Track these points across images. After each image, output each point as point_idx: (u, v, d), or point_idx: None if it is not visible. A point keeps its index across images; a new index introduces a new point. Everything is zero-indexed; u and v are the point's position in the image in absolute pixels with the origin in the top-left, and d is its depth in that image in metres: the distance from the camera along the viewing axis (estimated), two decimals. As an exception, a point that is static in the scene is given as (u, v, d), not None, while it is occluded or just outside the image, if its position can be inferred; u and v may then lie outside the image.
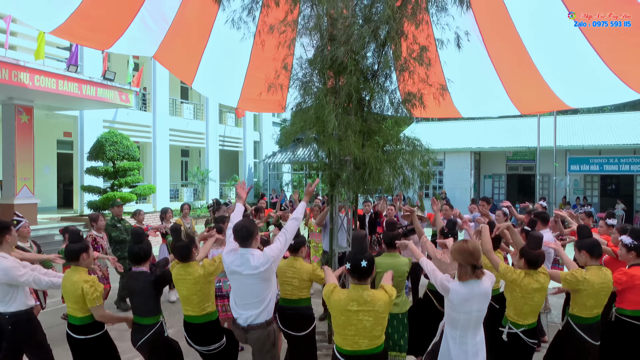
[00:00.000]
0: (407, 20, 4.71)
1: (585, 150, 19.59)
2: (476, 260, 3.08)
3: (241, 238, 3.45)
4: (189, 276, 3.70)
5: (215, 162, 23.02)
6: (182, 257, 3.76)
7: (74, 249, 3.76)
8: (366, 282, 2.98)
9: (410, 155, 4.41)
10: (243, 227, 3.47)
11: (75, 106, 14.07)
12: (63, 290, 3.80)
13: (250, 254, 3.40)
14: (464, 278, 3.11)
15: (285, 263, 4.28)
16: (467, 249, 3.10)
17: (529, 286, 3.48)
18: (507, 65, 7.63)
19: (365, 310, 2.89)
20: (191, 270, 3.73)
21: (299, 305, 4.20)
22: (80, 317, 3.70)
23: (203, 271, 3.71)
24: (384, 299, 2.96)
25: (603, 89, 7.47)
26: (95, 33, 7.21)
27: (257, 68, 8.26)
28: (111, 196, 12.52)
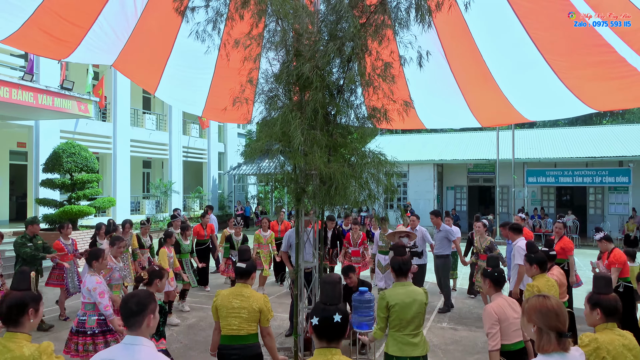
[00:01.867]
0: (371, 37, 4.78)
1: (542, 163, 20.36)
2: (563, 325, 2.20)
3: (128, 314, 2.21)
4: (7, 354, 2.37)
5: (178, 173, 22.58)
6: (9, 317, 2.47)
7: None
8: (338, 345, 2.20)
9: (375, 168, 4.43)
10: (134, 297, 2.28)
11: (31, 116, 13.53)
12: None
13: (140, 344, 2.17)
14: (547, 349, 2.20)
15: (230, 292, 3.64)
16: (552, 308, 2.21)
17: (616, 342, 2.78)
18: (468, 79, 7.88)
19: None
20: (14, 347, 2.40)
21: (247, 342, 3.54)
22: None
23: (34, 356, 2.40)
24: None
25: (558, 104, 7.82)
26: (51, 42, 6.97)
27: (222, 78, 8.20)
28: (68, 209, 12.04)
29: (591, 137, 22.33)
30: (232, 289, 3.67)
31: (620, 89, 6.67)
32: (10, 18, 5.96)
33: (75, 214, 12.12)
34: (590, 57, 6.49)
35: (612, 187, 20.25)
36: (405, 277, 3.74)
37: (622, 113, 44.92)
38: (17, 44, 7.11)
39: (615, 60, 6.10)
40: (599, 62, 6.41)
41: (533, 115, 8.54)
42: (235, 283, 8.96)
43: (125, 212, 18.61)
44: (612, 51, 6.05)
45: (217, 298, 3.66)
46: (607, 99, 7.24)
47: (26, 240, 7.21)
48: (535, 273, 4.20)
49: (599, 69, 6.53)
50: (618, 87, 6.66)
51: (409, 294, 3.62)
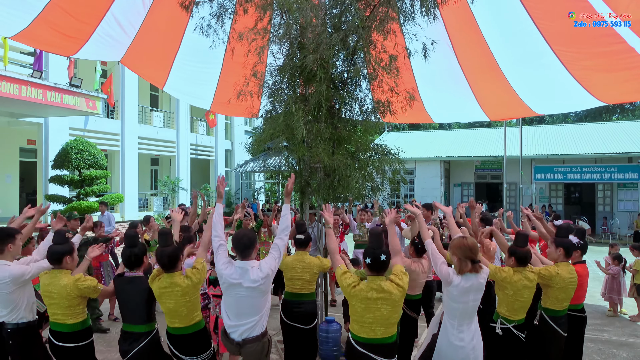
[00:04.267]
0: (376, 29, 4.79)
1: (550, 160, 20.22)
2: (475, 255, 3.37)
3: (243, 247, 3.38)
4: (176, 287, 3.41)
5: (186, 170, 22.71)
6: (170, 265, 3.45)
7: (58, 250, 3.59)
8: (383, 274, 3.15)
9: (379, 162, 4.45)
10: (244, 236, 3.40)
11: (40, 113, 13.66)
12: (47, 298, 3.58)
13: (250, 267, 3.36)
14: (463, 271, 3.40)
15: (293, 259, 4.43)
16: (467, 245, 3.39)
17: (519, 283, 3.78)
18: (476, 72, 7.84)
19: (383, 298, 3.04)
20: (177, 281, 3.43)
21: (307, 299, 4.38)
22: (70, 324, 3.57)
23: (190, 281, 3.45)
24: (398, 289, 3.11)
25: (567, 97, 7.77)
26: (60, 39, 7.04)
27: (230, 72, 8.25)
28: (77, 206, 12.16)
29: (600, 133, 22.12)
30: (294, 256, 4.47)
31: (629, 80, 6.61)
32: (20, 15, 6.04)
33: (84, 210, 12.22)
34: (597, 48, 6.44)
35: (622, 184, 20.07)
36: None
37: (632, 109, 44.41)
38: (27, 40, 7.20)
39: (624, 50, 6.05)
40: (607, 53, 6.36)
41: (541, 109, 8.48)
42: None
43: (134, 208, 18.76)
44: (621, 41, 6.00)
45: (284, 262, 4.43)
46: (615, 90, 7.18)
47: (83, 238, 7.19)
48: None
49: (606, 59, 6.48)
50: (627, 78, 6.60)
51: None
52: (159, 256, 3.44)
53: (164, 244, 3.52)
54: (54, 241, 3.68)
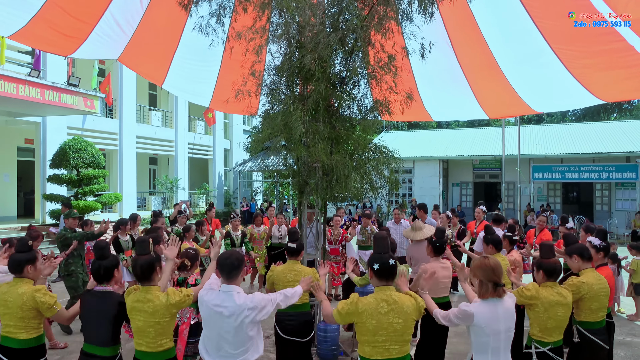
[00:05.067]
0: (374, 29, 4.78)
1: (548, 159, 20.25)
2: (498, 277, 2.92)
3: (229, 268, 2.92)
4: (148, 303, 3.03)
5: (184, 170, 22.68)
6: (143, 276, 3.10)
7: (19, 259, 3.31)
8: (392, 283, 2.87)
9: (378, 162, 4.44)
10: (231, 256, 2.97)
11: (38, 112, 13.63)
12: (2, 307, 3.25)
13: (235, 292, 2.91)
14: (485, 296, 2.94)
15: (284, 267, 4.22)
16: (489, 265, 2.95)
17: (550, 298, 3.39)
18: (475, 70, 7.85)
19: (396, 310, 2.73)
20: (151, 297, 3.05)
21: (301, 310, 4.16)
22: (22, 340, 3.21)
23: (166, 300, 3.06)
24: (410, 300, 2.83)
25: (566, 95, 7.78)
26: (57, 38, 7.02)
27: (229, 70, 8.24)
28: (75, 205, 12.14)
29: (598, 132, 22.15)
30: (285, 265, 4.25)
31: (628, 78, 6.62)
32: (17, 14, 6.02)
33: (82, 209, 12.22)
34: (597, 46, 6.45)
35: (619, 183, 20.10)
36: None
37: (630, 109, 44.50)
38: (24, 39, 7.17)
39: (623, 48, 6.05)
40: (607, 51, 6.37)
41: (540, 107, 8.49)
42: None
43: (132, 208, 18.73)
44: (621, 39, 6.01)
45: (273, 273, 4.25)
46: (615, 88, 7.20)
47: (68, 234, 6.87)
48: (491, 252, 4.62)
49: (606, 57, 6.49)
50: (626, 76, 6.61)
51: None
52: (133, 265, 3.13)
53: (140, 252, 3.23)
54: (16, 249, 3.45)
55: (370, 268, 2.85)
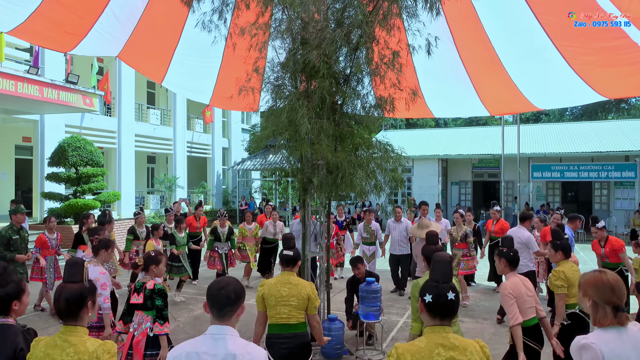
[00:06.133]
0: (379, 25, 4.74)
1: (547, 158, 20.25)
2: (620, 300, 2.19)
3: (223, 303, 2.06)
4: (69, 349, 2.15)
5: (183, 168, 22.61)
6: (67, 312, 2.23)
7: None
8: (450, 322, 2.15)
9: (382, 159, 4.40)
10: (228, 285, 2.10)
11: (37, 110, 13.54)
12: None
13: (229, 334, 2.04)
14: (603, 323, 2.19)
15: (277, 280, 3.55)
16: (608, 283, 2.21)
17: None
18: (477, 67, 7.83)
19: (456, 359, 2.04)
20: (75, 341, 2.18)
21: (297, 331, 3.46)
22: None
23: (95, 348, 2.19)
24: (475, 345, 2.13)
25: (568, 91, 7.77)
26: (57, 34, 6.97)
27: (230, 67, 8.20)
28: (73, 203, 12.07)
29: (597, 132, 22.19)
30: (278, 277, 3.60)
31: (631, 74, 6.62)
32: (16, 9, 5.96)
33: (81, 207, 12.15)
34: (600, 43, 6.44)
35: (618, 182, 20.13)
36: None
37: (627, 108, 44.60)
38: (23, 35, 7.10)
39: (626, 45, 6.04)
40: (610, 48, 6.36)
41: (543, 104, 8.47)
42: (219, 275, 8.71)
43: (130, 206, 18.65)
44: (624, 36, 5.99)
45: (264, 287, 3.56)
46: (617, 85, 7.20)
47: (13, 232, 6.72)
48: (559, 259, 4.34)
49: (609, 54, 6.49)
50: (629, 73, 6.61)
51: None
52: (56, 296, 2.27)
53: (68, 278, 2.38)
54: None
55: (421, 299, 2.17)
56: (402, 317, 6.97)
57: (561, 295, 4.02)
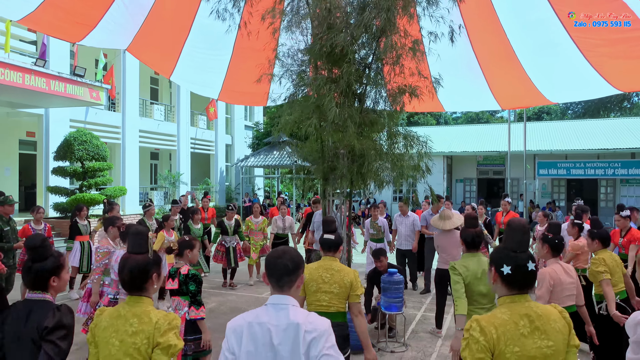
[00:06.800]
0: (402, 10, 4.64)
1: (553, 155, 20.16)
2: None
3: (281, 271, 1.99)
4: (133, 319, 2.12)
5: (186, 164, 22.50)
6: (132, 283, 2.20)
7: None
8: (531, 290, 2.10)
9: (407, 148, 4.31)
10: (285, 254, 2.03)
11: (43, 103, 13.42)
12: None
13: (290, 304, 1.96)
14: None
15: (319, 265, 3.37)
16: None
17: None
18: (490, 59, 7.73)
19: (541, 328, 1.92)
20: (139, 312, 2.16)
21: (337, 320, 3.14)
22: None
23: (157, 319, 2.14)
24: (555, 312, 2.01)
25: (583, 84, 7.68)
26: (67, 24, 6.87)
27: (240, 59, 8.11)
28: (80, 197, 11.97)
29: (602, 129, 22.09)
30: (320, 262, 3.43)
31: None
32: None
33: (87, 202, 12.04)
34: (616, 34, 6.36)
35: (624, 180, 20.04)
36: (476, 249, 3.64)
37: (630, 107, 44.52)
38: (33, 24, 7.01)
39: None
40: (626, 39, 6.30)
41: (556, 97, 8.38)
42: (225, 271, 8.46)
43: (134, 202, 18.57)
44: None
45: (305, 272, 3.32)
46: (633, 78, 7.12)
47: (4, 223, 6.50)
48: (597, 248, 4.35)
49: (625, 45, 6.43)
50: None
51: (480, 265, 3.49)
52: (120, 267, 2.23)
53: (132, 250, 2.29)
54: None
55: (496, 270, 2.05)
56: (420, 310, 6.89)
57: (605, 280, 3.98)
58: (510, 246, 2.09)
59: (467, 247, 3.64)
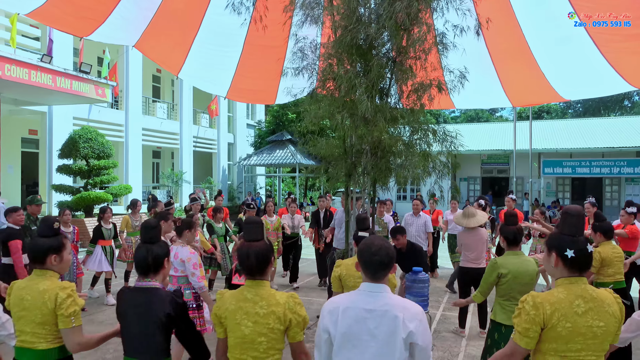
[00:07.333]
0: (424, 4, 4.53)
1: (558, 154, 20.08)
2: None
3: (378, 263, 2.07)
4: (262, 302, 2.27)
5: (189, 163, 22.36)
6: (258, 267, 2.32)
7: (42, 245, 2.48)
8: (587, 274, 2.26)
9: (440, 143, 4.20)
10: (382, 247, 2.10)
11: (47, 100, 13.25)
12: (17, 308, 2.45)
13: (387, 291, 2.07)
14: None
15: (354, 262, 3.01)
16: None
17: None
18: (504, 55, 7.62)
19: (595, 310, 2.06)
20: (265, 294, 2.30)
21: None
22: (41, 351, 2.40)
23: (285, 301, 2.30)
24: (610, 297, 2.13)
25: (597, 80, 7.60)
26: (75, 19, 6.76)
27: (250, 57, 8.01)
28: (85, 196, 11.83)
29: (606, 127, 22.03)
30: (354, 258, 3.43)
31: None
32: (36, -9, 5.74)
33: (93, 200, 11.91)
34: (633, 29, 6.26)
35: (629, 179, 19.97)
36: (517, 246, 3.70)
37: (630, 106, 44.53)
38: (41, 18, 6.89)
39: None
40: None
41: (570, 94, 8.27)
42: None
43: (138, 201, 18.41)
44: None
45: (341, 267, 3.55)
46: None
47: (31, 222, 6.40)
48: (600, 240, 4.45)
49: None
50: None
51: (522, 264, 3.57)
52: (245, 255, 2.34)
53: (250, 237, 2.43)
54: (39, 232, 2.58)
55: (558, 254, 2.15)
56: (438, 309, 6.76)
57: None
58: (568, 231, 2.21)
59: (508, 244, 3.67)
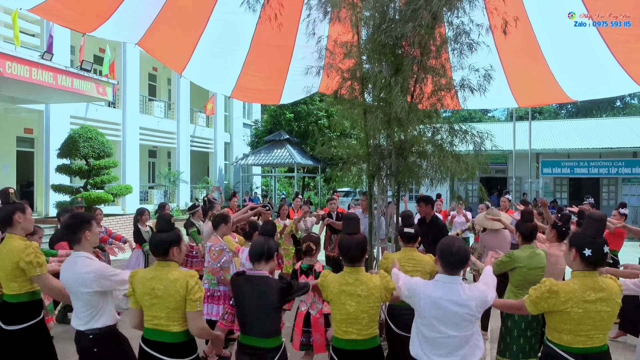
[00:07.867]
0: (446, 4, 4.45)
1: (556, 154, 20.16)
2: None
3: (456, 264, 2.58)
4: (362, 286, 2.78)
5: (186, 162, 22.14)
6: (357, 257, 2.86)
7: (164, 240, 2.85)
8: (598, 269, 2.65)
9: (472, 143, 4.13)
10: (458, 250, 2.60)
11: (47, 98, 12.97)
12: (148, 297, 2.80)
13: (458, 283, 2.59)
14: None
15: (401, 255, 3.73)
16: None
17: None
18: (514, 54, 7.55)
19: (604, 298, 2.53)
20: (364, 279, 2.81)
21: None
22: (175, 333, 2.79)
23: (380, 282, 2.84)
24: (615, 285, 2.61)
25: (606, 80, 7.58)
26: (79, 14, 6.60)
27: (257, 56, 7.91)
28: (86, 196, 11.61)
29: (604, 128, 22.17)
30: (401, 253, 3.83)
31: None
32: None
33: (93, 200, 11.69)
34: (634, 29, 6.24)
35: (626, 179, 20.11)
36: (531, 241, 3.94)
37: (622, 107, 44.99)
38: (45, 14, 6.72)
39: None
40: None
41: (577, 94, 8.24)
42: None
43: (135, 201, 18.18)
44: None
45: (387, 261, 3.80)
46: None
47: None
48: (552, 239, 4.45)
49: None
50: None
51: (535, 257, 3.83)
52: (348, 247, 2.88)
53: (349, 231, 2.95)
54: (159, 228, 2.94)
55: (578, 251, 2.57)
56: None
57: None
58: (590, 233, 2.61)
59: (524, 239, 3.94)
